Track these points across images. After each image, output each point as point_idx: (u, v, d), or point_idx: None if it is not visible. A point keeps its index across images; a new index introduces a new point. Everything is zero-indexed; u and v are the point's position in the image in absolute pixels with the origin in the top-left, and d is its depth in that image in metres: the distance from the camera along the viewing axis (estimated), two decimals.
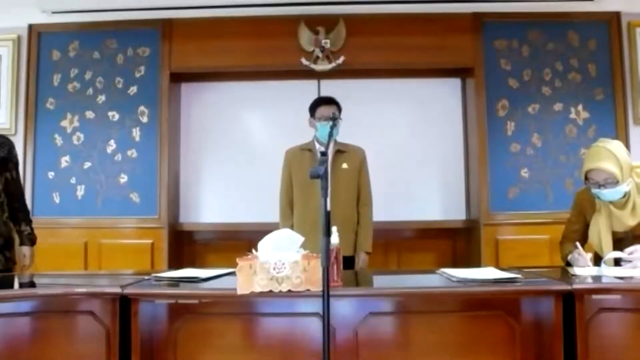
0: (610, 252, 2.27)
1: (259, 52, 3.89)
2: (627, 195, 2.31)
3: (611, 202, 2.34)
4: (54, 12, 3.83)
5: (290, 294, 1.83)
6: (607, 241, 2.35)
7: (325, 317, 1.58)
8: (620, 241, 2.33)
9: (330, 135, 2.09)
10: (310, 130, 3.11)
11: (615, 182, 2.25)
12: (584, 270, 2.23)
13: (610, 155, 2.27)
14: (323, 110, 2.98)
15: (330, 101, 3.04)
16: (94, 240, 3.86)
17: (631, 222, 2.32)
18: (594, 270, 2.24)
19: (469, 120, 4.05)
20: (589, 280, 2.05)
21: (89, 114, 3.97)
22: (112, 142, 3.95)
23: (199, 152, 4.17)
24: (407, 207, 4.00)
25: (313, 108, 3.05)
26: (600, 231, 2.38)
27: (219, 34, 3.92)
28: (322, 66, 3.89)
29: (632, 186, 2.30)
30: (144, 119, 3.95)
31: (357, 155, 3.08)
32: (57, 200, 3.92)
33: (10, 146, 2.76)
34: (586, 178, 2.36)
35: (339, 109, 3.04)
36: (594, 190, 2.34)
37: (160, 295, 1.98)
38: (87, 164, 3.95)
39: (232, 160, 4.12)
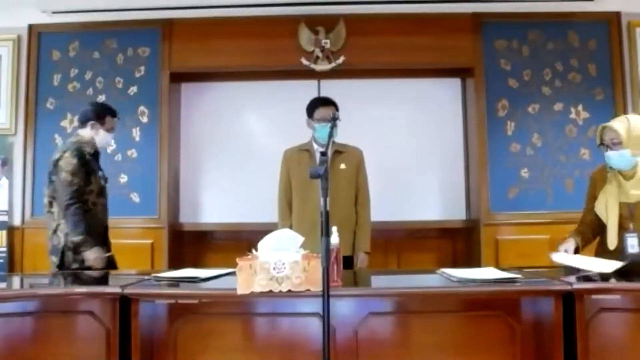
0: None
1: (259, 52, 3.89)
2: (637, 167, 2.33)
3: (621, 173, 2.37)
4: (54, 12, 3.83)
5: (290, 294, 1.83)
6: (614, 210, 2.35)
7: (325, 317, 1.58)
8: (624, 219, 2.34)
9: (330, 135, 2.08)
10: (310, 130, 3.10)
11: (619, 143, 2.30)
12: (560, 256, 2.32)
13: (624, 120, 2.36)
14: (322, 112, 2.97)
15: (328, 102, 3.03)
16: None
17: (633, 191, 2.32)
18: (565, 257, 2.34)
19: (469, 120, 4.05)
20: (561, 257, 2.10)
21: None
22: (112, 142, 3.94)
23: (199, 152, 4.17)
24: (407, 207, 4.00)
25: (311, 109, 3.03)
26: (608, 200, 2.39)
27: (218, 34, 3.92)
28: (322, 66, 3.89)
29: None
30: (144, 119, 3.95)
31: (355, 156, 3.07)
32: None
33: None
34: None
35: (337, 109, 3.02)
36: (605, 155, 2.39)
37: (160, 295, 1.98)
38: None
39: (232, 160, 4.12)
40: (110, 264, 2.85)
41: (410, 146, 4.08)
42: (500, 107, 3.90)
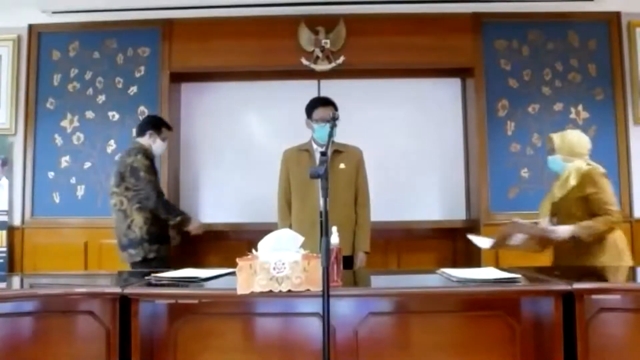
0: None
1: (259, 52, 3.89)
2: (565, 171, 2.68)
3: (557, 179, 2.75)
4: (54, 12, 3.83)
5: (290, 294, 1.83)
6: (545, 211, 2.77)
7: (325, 317, 1.58)
8: (552, 217, 2.75)
9: (331, 135, 2.08)
10: (310, 130, 3.10)
11: (552, 150, 2.72)
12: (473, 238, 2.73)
13: (561, 133, 2.77)
14: (320, 112, 2.97)
15: (326, 102, 3.02)
16: (94, 240, 3.86)
17: (557, 193, 2.70)
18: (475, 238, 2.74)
19: (469, 120, 4.05)
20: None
21: (89, 114, 3.97)
22: (112, 142, 3.95)
23: (199, 152, 4.17)
24: (407, 207, 4.00)
25: (309, 109, 3.03)
26: (543, 202, 2.82)
27: (219, 34, 3.92)
28: (322, 66, 3.89)
29: (574, 169, 2.64)
30: None
31: (354, 155, 3.06)
32: (57, 200, 3.92)
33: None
34: None
35: (336, 108, 3.02)
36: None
37: (160, 295, 1.98)
38: (87, 164, 3.95)
39: (232, 160, 4.12)
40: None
41: (410, 146, 4.08)
42: (500, 107, 3.91)
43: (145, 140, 3.15)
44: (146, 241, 3.03)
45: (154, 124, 3.19)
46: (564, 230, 2.57)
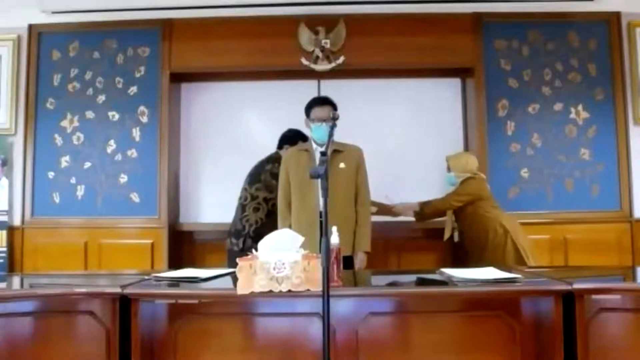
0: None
1: (259, 52, 3.89)
2: (456, 185, 3.38)
3: None
4: (54, 12, 3.84)
5: (290, 294, 1.83)
6: (449, 213, 3.50)
7: (325, 317, 1.59)
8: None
9: (331, 135, 2.08)
10: (309, 130, 3.10)
11: (448, 169, 3.42)
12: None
13: (454, 155, 3.49)
14: (317, 112, 2.96)
15: (324, 102, 3.01)
16: (94, 240, 3.86)
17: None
18: None
19: (469, 120, 4.05)
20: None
21: (89, 114, 3.97)
22: (112, 142, 3.95)
23: (199, 152, 4.17)
24: None
25: (308, 109, 3.02)
26: None
27: (218, 34, 3.92)
28: (322, 66, 3.89)
29: (457, 183, 3.36)
30: (144, 119, 3.95)
31: (354, 155, 3.05)
32: (57, 200, 3.92)
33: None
34: None
35: (334, 108, 3.01)
36: None
37: (160, 295, 1.98)
38: (87, 164, 3.95)
39: (232, 160, 4.10)
40: None
41: (410, 146, 4.08)
42: (500, 107, 3.91)
43: (283, 153, 3.36)
44: (250, 237, 3.29)
45: (290, 139, 3.45)
46: (403, 206, 3.48)
